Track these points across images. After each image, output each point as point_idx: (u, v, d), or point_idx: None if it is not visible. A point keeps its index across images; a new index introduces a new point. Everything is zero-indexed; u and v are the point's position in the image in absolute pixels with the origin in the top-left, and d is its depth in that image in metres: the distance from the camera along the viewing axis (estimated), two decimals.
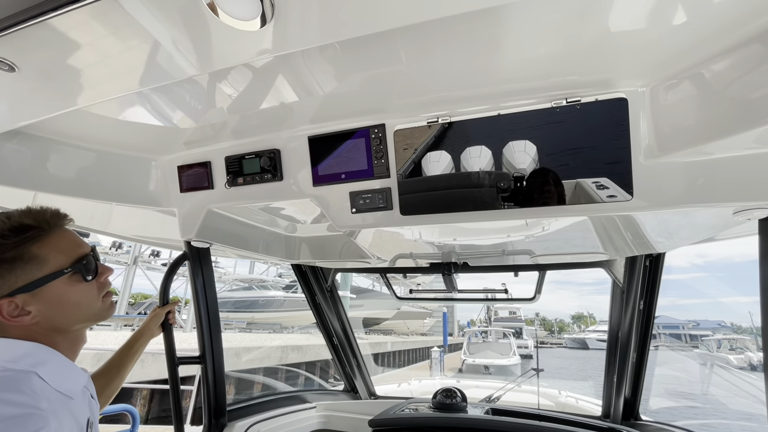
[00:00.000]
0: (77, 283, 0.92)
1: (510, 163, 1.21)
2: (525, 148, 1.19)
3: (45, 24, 0.75)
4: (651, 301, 1.91)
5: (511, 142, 1.20)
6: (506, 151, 1.20)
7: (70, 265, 0.90)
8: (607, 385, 2.19)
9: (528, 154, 1.19)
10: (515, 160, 1.20)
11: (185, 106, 1.29)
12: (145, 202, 1.68)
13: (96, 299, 0.97)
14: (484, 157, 1.23)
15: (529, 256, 2.06)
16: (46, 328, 0.88)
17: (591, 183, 1.14)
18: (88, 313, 0.95)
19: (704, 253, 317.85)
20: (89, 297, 0.95)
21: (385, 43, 0.97)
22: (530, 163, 1.19)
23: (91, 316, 0.96)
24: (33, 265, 0.85)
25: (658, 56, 0.99)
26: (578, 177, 1.15)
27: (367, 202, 1.40)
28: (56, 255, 0.89)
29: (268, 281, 31.25)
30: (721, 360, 19.66)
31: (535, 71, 1.07)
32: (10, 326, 0.84)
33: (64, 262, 0.90)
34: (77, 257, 0.92)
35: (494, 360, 19.70)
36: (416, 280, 3.16)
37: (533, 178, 1.19)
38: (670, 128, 1.07)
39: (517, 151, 1.19)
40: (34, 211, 0.91)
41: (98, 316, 0.98)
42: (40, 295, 0.86)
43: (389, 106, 1.28)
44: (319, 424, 2.47)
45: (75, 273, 0.91)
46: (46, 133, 1.40)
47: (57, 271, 0.88)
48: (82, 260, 0.93)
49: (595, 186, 1.14)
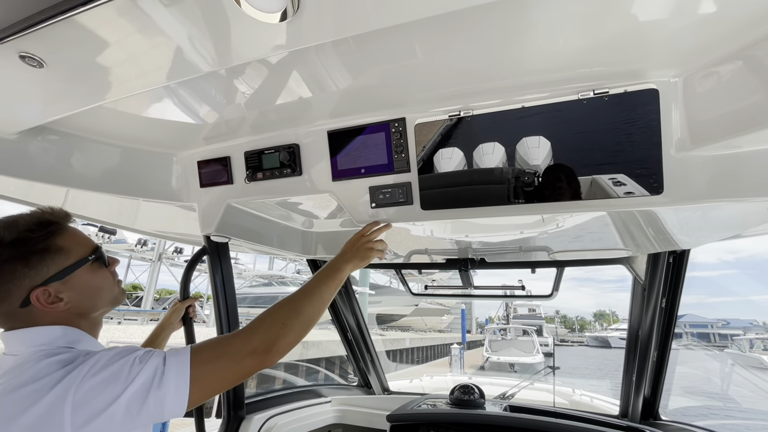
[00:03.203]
0: (98, 269, 0.99)
1: (530, 158, 1.18)
2: (541, 144, 1.17)
3: (72, 20, 0.77)
4: (674, 299, 1.85)
5: (532, 138, 1.17)
6: (527, 146, 1.18)
7: (90, 254, 0.97)
8: (626, 384, 2.14)
9: (549, 149, 1.16)
10: (536, 155, 1.17)
11: (204, 102, 1.31)
12: (166, 198, 1.71)
13: (114, 284, 1.04)
14: (504, 153, 1.21)
15: (547, 252, 2.03)
16: (73, 314, 0.94)
17: (607, 179, 1.11)
18: (109, 297, 1.02)
19: (734, 249, 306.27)
20: (109, 282, 1.02)
21: (403, 35, 0.95)
22: (553, 158, 1.16)
23: (112, 300, 1.03)
24: (60, 255, 0.92)
25: (691, 45, 0.95)
26: (604, 172, 1.11)
27: (387, 197, 1.39)
28: (77, 246, 0.96)
29: (287, 277, 31.66)
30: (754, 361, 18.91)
31: (560, 62, 1.04)
32: (43, 314, 0.89)
33: (85, 252, 0.97)
34: (93, 247, 1.00)
35: (520, 358, 19.52)
36: (432, 276, 3.15)
37: (557, 173, 1.16)
38: (704, 120, 1.03)
39: (538, 146, 1.17)
40: (47, 210, 0.97)
41: (117, 299, 1.05)
42: (69, 283, 0.92)
43: (409, 99, 1.27)
44: (334, 418, 2.50)
45: (96, 261, 0.98)
46: (70, 129, 1.43)
47: (82, 259, 0.95)
48: (98, 250, 1.00)
49: (612, 182, 1.11)
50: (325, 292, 1.16)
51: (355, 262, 1.28)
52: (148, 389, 0.78)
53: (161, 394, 0.79)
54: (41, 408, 0.71)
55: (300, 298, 1.11)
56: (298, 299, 1.10)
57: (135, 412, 0.77)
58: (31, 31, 0.79)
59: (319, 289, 1.16)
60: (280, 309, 1.06)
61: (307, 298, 1.12)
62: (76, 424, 0.72)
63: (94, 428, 0.73)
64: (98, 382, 0.76)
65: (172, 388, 0.81)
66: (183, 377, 0.83)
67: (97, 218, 1.95)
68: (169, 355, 0.86)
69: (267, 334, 0.98)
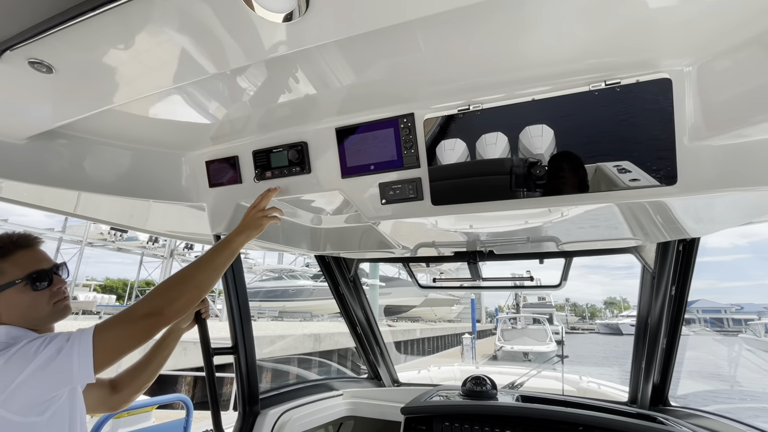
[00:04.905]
0: (28, 291, 1.15)
1: (533, 148, 1.17)
2: (545, 132, 1.16)
3: (80, 25, 0.78)
4: (684, 287, 1.84)
5: (535, 126, 1.16)
6: (530, 135, 1.17)
7: (22, 278, 1.14)
8: (635, 371, 2.14)
9: (553, 137, 1.15)
10: (540, 144, 1.16)
11: (211, 101, 1.31)
12: (176, 198, 1.72)
13: (46, 304, 1.18)
14: (507, 143, 1.20)
15: (556, 243, 2.02)
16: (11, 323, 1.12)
17: (612, 167, 1.10)
18: (39, 314, 1.17)
19: (747, 233, 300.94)
20: (39, 302, 1.16)
21: (409, 30, 0.94)
22: (562, 150, 1.15)
23: (43, 317, 1.18)
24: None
25: (705, 32, 0.92)
26: (615, 161, 1.10)
27: (397, 193, 1.39)
28: (14, 269, 1.14)
29: (296, 271, 31.92)
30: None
31: (570, 53, 1.03)
32: None
33: (18, 274, 1.14)
34: (30, 271, 1.15)
35: (533, 346, 19.51)
36: (439, 267, 3.16)
37: (570, 166, 1.15)
38: (718, 109, 1.01)
39: (542, 135, 1.16)
40: (6, 235, 1.18)
41: (50, 317, 1.19)
42: (2, 299, 1.11)
43: (417, 94, 1.26)
44: (346, 411, 2.53)
45: (26, 284, 1.14)
46: (79, 132, 1.44)
47: (10, 281, 1.13)
48: (33, 274, 1.15)
49: (616, 170, 1.10)
50: (216, 260, 1.32)
51: (248, 232, 1.41)
52: (49, 362, 0.99)
53: (65, 362, 1.00)
54: None
55: (193, 267, 1.28)
56: (190, 268, 1.27)
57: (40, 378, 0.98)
58: (40, 37, 0.80)
59: (210, 259, 1.32)
60: (174, 277, 1.24)
61: (199, 267, 1.28)
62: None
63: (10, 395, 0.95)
64: (9, 360, 0.98)
65: (75, 356, 1.01)
66: (85, 346, 1.02)
67: (109, 220, 1.98)
68: (75, 332, 1.05)
69: (160, 298, 1.16)
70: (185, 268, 1.28)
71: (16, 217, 27.18)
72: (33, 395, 0.98)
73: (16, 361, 0.98)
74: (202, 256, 1.32)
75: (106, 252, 30.73)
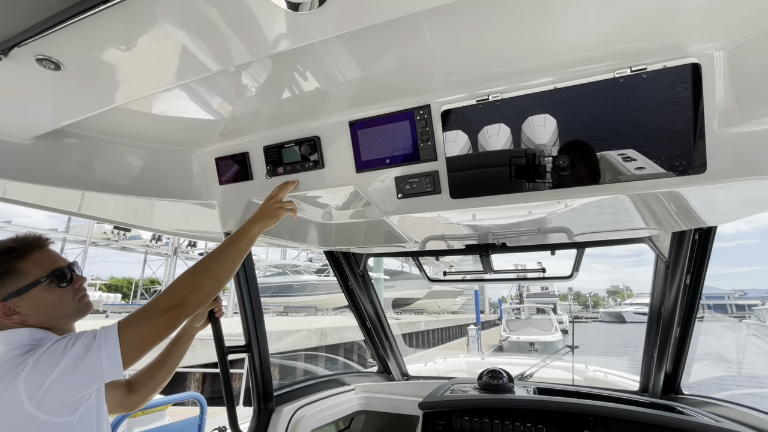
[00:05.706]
0: (54, 288, 1.16)
1: (536, 138, 1.14)
2: (547, 122, 1.13)
3: (88, 21, 0.77)
4: (699, 276, 1.83)
5: (537, 117, 1.13)
6: (533, 125, 1.14)
7: (45, 276, 1.15)
8: (647, 360, 2.13)
9: (577, 130, 1.12)
10: (542, 134, 1.14)
11: (219, 97, 1.28)
12: (185, 197, 1.70)
13: (72, 301, 1.20)
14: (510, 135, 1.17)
15: (568, 235, 2.00)
16: (35, 323, 1.13)
17: (616, 155, 1.07)
18: (66, 311, 1.19)
19: (750, 218, 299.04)
20: (65, 299, 1.18)
21: (423, 17, 0.91)
22: (586, 139, 1.11)
23: (70, 313, 1.20)
24: (18, 276, 1.12)
25: (735, 14, 0.89)
26: (643, 153, 1.07)
27: (414, 187, 1.36)
28: (35, 268, 1.15)
29: (300, 266, 31.99)
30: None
31: (594, 39, 0.99)
32: (8, 323, 1.11)
33: (41, 274, 1.15)
34: (52, 270, 1.16)
35: (539, 336, 19.53)
36: (447, 260, 3.14)
37: (592, 155, 1.12)
38: (750, 93, 0.97)
39: (544, 124, 1.13)
40: (20, 237, 1.18)
41: (76, 313, 1.21)
42: (26, 299, 1.11)
43: (433, 85, 1.22)
44: (359, 405, 2.54)
45: (51, 282, 1.15)
46: (87, 131, 1.42)
47: (36, 281, 1.13)
48: (56, 272, 1.17)
49: (621, 158, 1.07)
50: (233, 251, 1.33)
51: (264, 222, 1.42)
52: (79, 361, 1.00)
53: (95, 360, 1.01)
54: (3, 385, 0.96)
55: (211, 258, 1.28)
56: (208, 260, 1.28)
57: (72, 377, 0.99)
58: (47, 33, 0.79)
59: (228, 249, 1.32)
60: (193, 269, 1.25)
61: (217, 258, 1.29)
62: (30, 394, 0.95)
63: (43, 396, 0.95)
64: (38, 361, 0.99)
65: (104, 352, 1.02)
66: (112, 342, 1.04)
67: (115, 219, 1.95)
68: (100, 330, 1.07)
69: (180, 290, 1.17)
70: (203, 259, 1.29)
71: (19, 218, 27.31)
72: (65, 394, 0.99)
73: (45, 362, 0.99)
74: (218, 247, 1.32)
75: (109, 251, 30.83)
